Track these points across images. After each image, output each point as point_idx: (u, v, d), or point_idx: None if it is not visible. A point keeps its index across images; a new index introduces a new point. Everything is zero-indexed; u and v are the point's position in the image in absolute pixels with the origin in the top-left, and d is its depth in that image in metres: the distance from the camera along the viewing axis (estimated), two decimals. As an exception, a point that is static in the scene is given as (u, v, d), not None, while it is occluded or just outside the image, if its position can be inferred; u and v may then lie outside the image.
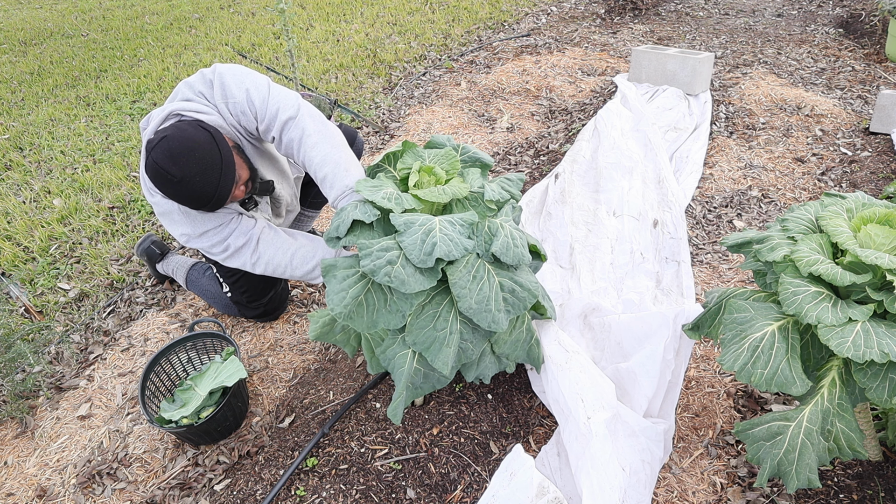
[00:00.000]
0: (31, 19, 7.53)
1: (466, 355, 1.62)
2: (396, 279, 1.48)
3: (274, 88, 1.96)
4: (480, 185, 1.77)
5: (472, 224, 1.63)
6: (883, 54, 4.37)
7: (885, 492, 1.57)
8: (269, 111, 1.93)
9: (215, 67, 1.98)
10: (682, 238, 2.59)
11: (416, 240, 1.51)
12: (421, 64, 5.01)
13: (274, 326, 2.46)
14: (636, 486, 1.61)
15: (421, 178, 1.72)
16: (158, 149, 1.76)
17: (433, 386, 1.66)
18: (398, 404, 1.62)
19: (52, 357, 2.42)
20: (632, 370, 1.86)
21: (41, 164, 3.88)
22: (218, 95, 1.95)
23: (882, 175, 2.96)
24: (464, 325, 1.62)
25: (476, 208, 1.73)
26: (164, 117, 1.88)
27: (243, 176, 1.94)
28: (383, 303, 1.57)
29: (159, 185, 1.80)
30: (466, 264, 1.59)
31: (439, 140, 1.89)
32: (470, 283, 1.56)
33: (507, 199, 1.77)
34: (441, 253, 1.50)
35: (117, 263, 2.92)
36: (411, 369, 1.63)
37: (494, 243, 1.61)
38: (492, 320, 1.54)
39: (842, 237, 1.37)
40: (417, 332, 1.58)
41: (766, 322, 1.37)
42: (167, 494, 1.84)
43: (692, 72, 3.74)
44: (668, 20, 5.59)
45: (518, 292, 1.60)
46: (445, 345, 1.56)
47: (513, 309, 1.59)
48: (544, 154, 3.46)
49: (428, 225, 1.56)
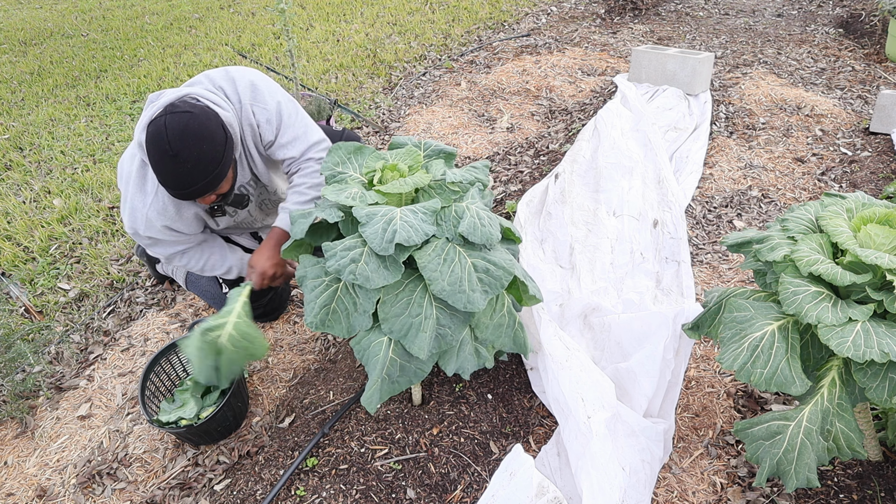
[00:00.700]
0: (31, 19, 7.53)
1: (446, 341, 1.62)
2: (361, 276, 1.50)
3: (302, 111, 2.05)
4: (443, 172, 1.79)
5: (435, 211, 1.64)
6: (883, 54, 4.37)
7: (885, 492, 1.57)
8: (297, 129, 2.01)
9: (246, 71, 2.00)
10: (682, 238, 2.59)
11: (377, 229, 1.53)
12: (421, 64, 5.01)
13: (274, 326, 2.46)
14: (636, 485, 1.61)
15: (384, 175, 1.74)
16: (176, 116, 1.72)
17: (410, 380, 1.65)
18: (373, 392, 1.61)
19: (52, 357, 2.42)
20: (632, 370, 1.86)
21: (41, 164, 3.89)
22: (246, 96, 1.95)
23: (882, 175, 2.96)
24: (440, 310, 1.62)
25: (441, 195, 1.75)
26: (180, 95, 1.84)
27: (223, 188, 1.93)
28: (353, 306, 1.59)
29: (150, 148, 1.74)
30: (435, 248, 1.60)
31: (400, 140, 1.93)
32: (441, 265, 1.57)
33: (472, 181, 1.79)
34: (401, 239, 1.51)
35: (117, 263, 2.92)
36: (386, 359, 1.62)
37: (461, 224, 1.62)
38: (467, 301, 1.54)
39: (842, 237, 1.37)
40: (393, 321, 1.58)
41: (765, 322, 1.37)
42: (167, 494, 1.84)
43: (692, 72, 3.74)
44: (668, 20, 5.59)
45: (492, 271, 1.61)
46: (421, 330, 1.57)
47: (490, 289, 1.59)
48: (544, 154, 3.46)
49: (389, 215, 1.58)
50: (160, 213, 1.96)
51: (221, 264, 2.22)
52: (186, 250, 2.16)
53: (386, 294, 1.60)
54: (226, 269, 2.23)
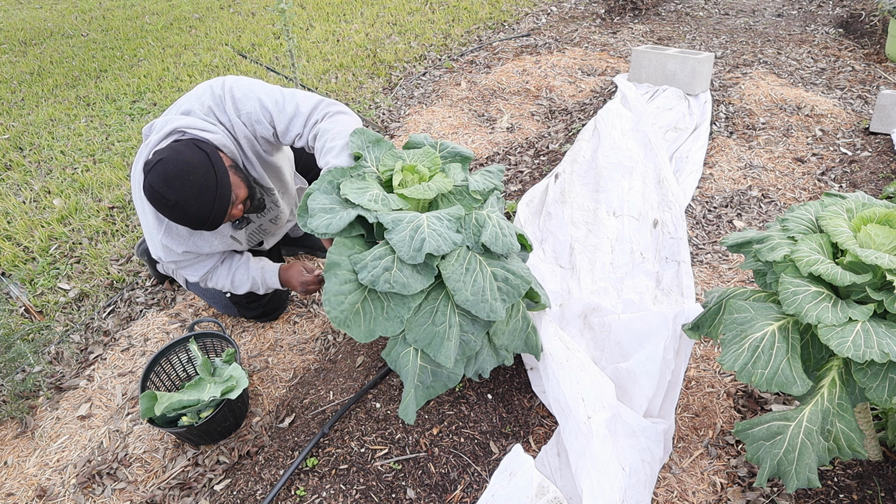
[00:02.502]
0: (31, 19, 7.53)
1: (469, 347, 1.63)
2: (398, 283, 1.49)
3: (289, 90, 2.02)
4: (463, 178, 1.79)
5: (459, 218, 1.64)
6: (883, 54, 4.37)
7: (885, 492, 1.57)
8: (287, 111, 1.97)
9: (224, 81, 1.99)
10: (682, 238, 2.59)
11: (404, 237, 1.52)
12: (421, 64, 5.01)
13: (274, 326, 2.46)
14: (636, 485, 1.61)
15: (405, 177, 1.73)
16: (154, 172, 1.78)
17: (445, 384, 1.66)
18: (408, 403, 1.63)
19: (52, 357, 2.42)
20: (632, 370, 1.86)
21: (41, 164, 3.88)
22: (231, 110, 1.97)
23: (882, 175, 2.96)
24: (462, 318, 1.63)
25: (461, 201, 1.75)
26: (166, 134, 1.90)
27: (241, 195, 1.94)
28: (381, 310, 1.57)
29: (157, 207, 1.82)
30: (458, 258, 1.60)
31: (417, 139, 1.92)
32: (464, 275, 1.57)
33: (492, 188, 1.79)
34: (431, 248, 1.50)
35: (117, 263, 2.92)
36: (416, 367, 1.63)
37: (483, 234, 1.62)
38: (490, 310, 1.55)
39: (842, 237, 1.37)
40: (417, 330, 1.58)
41: (766, 322, 1.37)
42: (167, 494, 1.84)
43: (692, 72, 3.74)
44: (668, 20, 5.59)
45: (511, 280, 1.61)
46: (446, 338, 1.57)
47: (508, 297, 1.60)
48: (544, 154, 3.46)
49: (416, 222, 1.57)
50: (175, 240, 2.01)
51: (247, 279, 2.21)
52: (211, 270, 2.18)
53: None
54: (250, 283, 2.21)
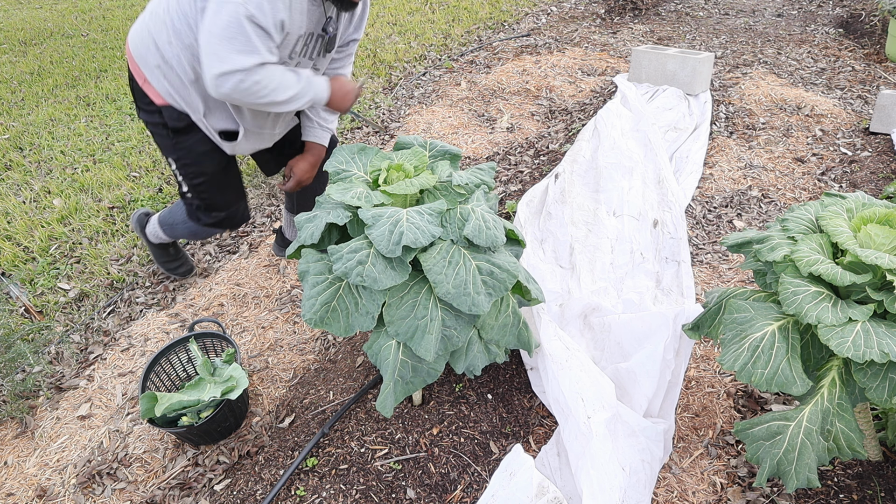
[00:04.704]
0: (31, 19, 7.52)
1: (452, 342, 1.63)
2: (369, 278, 1.50)
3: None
4: (449, 174, 1.79)
5: (441, 212, 1.64)
6: (883, 54, 4.37)
7: (885, 492, 1.57)
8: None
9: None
10: (682, 238, 2.59)
11: (384, 231, 1.53)
12: (421, 64, 5.01)
13: (274, 326, 2.47)
14: (636, 485, 1.61)
15: (390, 175, 1.74)
16: None
17: (424, 380, 1.66)
18: (386, 396, 1.63)
19: (52, 357, 2.42)
20: (632, 370, 1.86)
21: (41, 164, 3.88)
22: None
23: (882, 175, 2.96)
24: (445, 312, 1.63)
25: (446, 196, 1.75)
26: None
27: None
28: (355, 306, 1.59)
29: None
30: (440, 250, 1.60)
31: (407, 140, 1.93)
32: (445, 268, 1.57)
33: (478, 183, 1.79)
34: (408, 241, 1.51)
35: (117, 263, 2.92)
36: (397, 361, 1.63)
37: (466, 227, 1.62)
38: (472, 303, 1.55)
39: (842, 237, 1.37)
40: (399, 323, 1.58)
41: (766, 322, 1.37)
42: (167, 494, 1.84)
43: (692, 72, 3.74)
44: (668, 20, 5.59)
45: (497, 274, 1.61)
46: (427, 332, 1.57)
47: (494, 291, 1.59)
48: (544, 154, 3.46)
49: (395, 216, 1.58)
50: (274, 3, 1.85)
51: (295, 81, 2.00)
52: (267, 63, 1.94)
53: (391, 297, 1.60)
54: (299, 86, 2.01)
